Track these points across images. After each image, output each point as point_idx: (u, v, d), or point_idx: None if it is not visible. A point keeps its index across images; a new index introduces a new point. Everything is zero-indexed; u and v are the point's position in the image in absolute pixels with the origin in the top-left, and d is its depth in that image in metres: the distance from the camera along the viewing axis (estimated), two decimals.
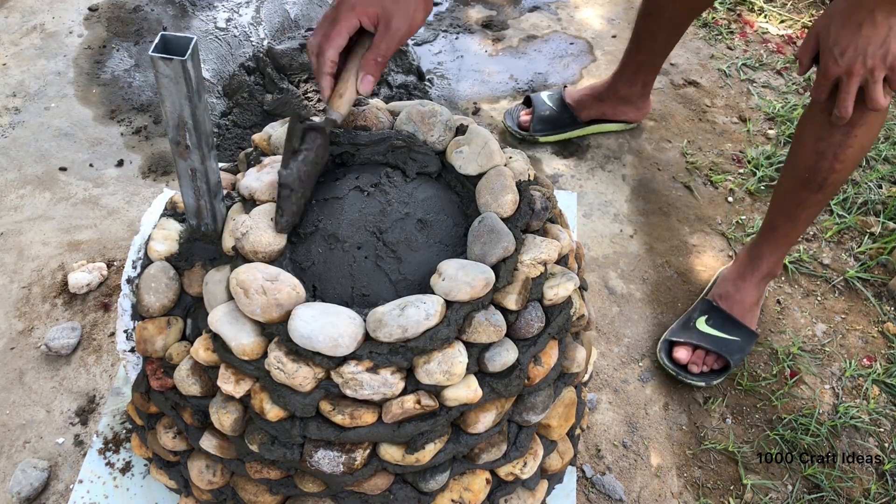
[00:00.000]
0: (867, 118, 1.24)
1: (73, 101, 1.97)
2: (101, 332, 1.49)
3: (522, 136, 1.91)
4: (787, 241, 1.48)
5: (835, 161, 1.30)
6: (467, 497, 1.05)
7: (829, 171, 1.32)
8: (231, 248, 0.98)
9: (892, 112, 2.02)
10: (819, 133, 1.30)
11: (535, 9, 2.34)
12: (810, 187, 1.35)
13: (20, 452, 1.33)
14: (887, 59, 1.13)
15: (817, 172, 1.33)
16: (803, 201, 1.39)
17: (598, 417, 1.41)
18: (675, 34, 1.73)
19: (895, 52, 1.12)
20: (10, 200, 1.74)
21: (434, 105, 1.11)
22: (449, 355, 0.92)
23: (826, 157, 1.30)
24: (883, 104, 1.18)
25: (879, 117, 1.26)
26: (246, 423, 0.99)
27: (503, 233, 0.98)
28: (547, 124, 1.89)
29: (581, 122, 1.90)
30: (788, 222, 1.44)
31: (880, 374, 1.50)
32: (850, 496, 1.34)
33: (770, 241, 1.48)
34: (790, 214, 1.43)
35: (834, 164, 1.30)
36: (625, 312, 1.58)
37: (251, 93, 1.88)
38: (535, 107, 1.91)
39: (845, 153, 1.29)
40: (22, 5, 2.24)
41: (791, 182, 1.40)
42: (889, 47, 1.12)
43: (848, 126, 1.25)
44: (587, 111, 1.89)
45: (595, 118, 1.90)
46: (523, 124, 1.91)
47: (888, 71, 1.14)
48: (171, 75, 0.82)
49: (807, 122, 1.33)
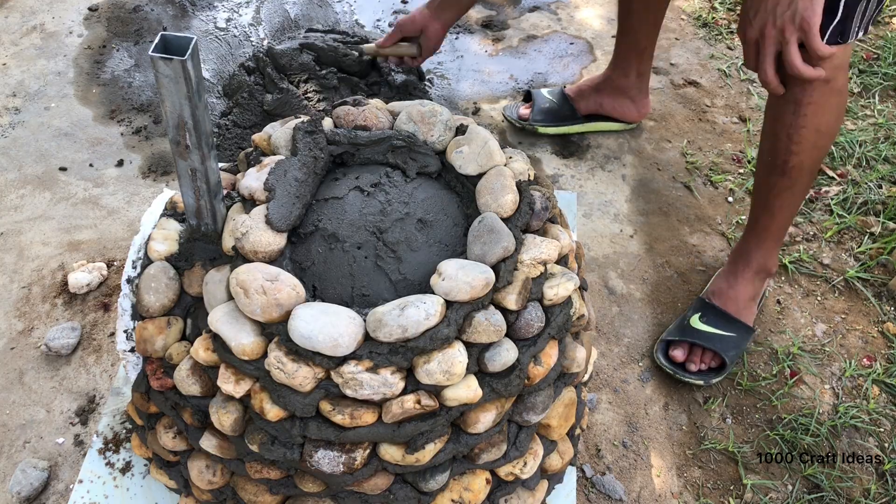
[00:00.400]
0: (814, 95, 1.25)
1: (73, 101, 1.97)
2: (101, 332, 1.49)
3: (522, 126, 1.93)
4: (770, 234, 1.48)
5: (790, 142, 1.31)
6: (467, 497, 1.05)
7: (787, 153, 1.33)
8: (231, 248, 0.98)
9: (893, 111, 2.02)
10: (773, 114, 1.33)
11: (535, 9, 2.34)
12: (775, 171, 1.37)
13: (20, 452, 1.33)
14: (795, 19, 1.13)
15: (777, 155, 1.35)
16: (772, 188, 1.40)
17: (598, 417, 1.41)
18: (652, 21, 1.76)
19: (801, 12, 1.12)
20: (10, 200, 1.74)
21: (434, 105, 1.11)
22: (449, 355, 0.92)
23: (781, 138, 1.32)
24: (801, 69, 1.18)
25: (832, 97, 1.26)
26: (246, 423, 0.99)
27: (503, 233, 0.98)
28: (547, 115, 1.92)
29: (580, 118, 1.92)
30: (765, 212, 1.45)
31: (880, 374, 1.50)
32: (850, 496, 1.34)
33: (754, 233, 1.49)
34: (765, 204, 1.44)
35: (790, 146, 1.32)
36: (625, 312, 1.58)
37: (251, 93, 1.88)
38: (536, 100, 1.93)
39: (799, 133, 1.30)
40: (22, 5, 2.24)
41: (761, 169, 1.42)
42: (796, 7, 1.12)
43: (795, 104, 1.27)
44: (585, 102, 1.91)
45: (594, 111, 1.92)
46: (523, 116, 1.94)
47: (799, 32, 1.14)
48: (171, 75, 0.82)
49: (767, 106, 1.36)
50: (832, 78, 1.24)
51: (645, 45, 1.81)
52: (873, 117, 2.01)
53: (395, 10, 2.29)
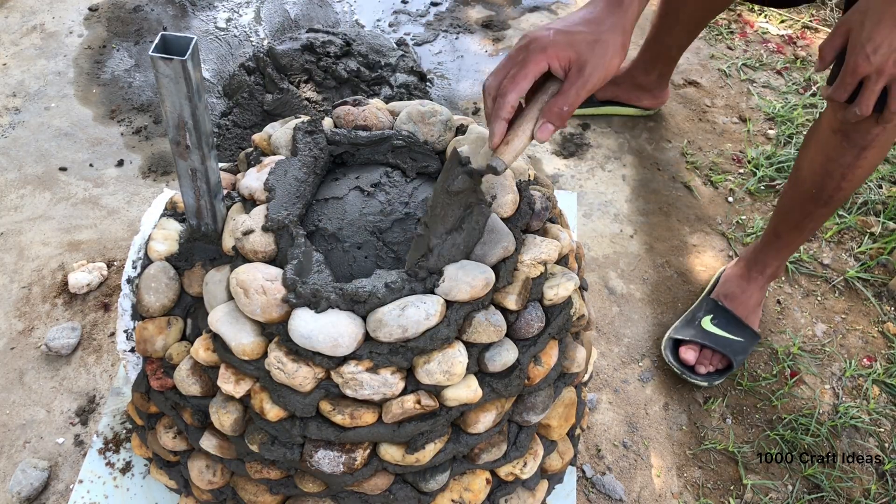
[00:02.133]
0: (880, 139, 1.22)
1: (73, 101, 1.97)
2: (101, 332, 1.49)
3: None
4: (792, 248, 1.49)
5: (842, 180, 1.29)
6: (467, 497, 1.05)
7: (835, 190, 1.31)
8: (231, 248, 0.98)
9: None
10: (829, 153, 1.28)
11: (535, 9, 2.34)
12: (816, 202, 1.35)
13: (20, 452, 1.33)
14: None
15: (824, 190, 1.32)
16: (809, 214, 1.39)
17: (598, 417, 1.41)
18: (692, 32, 1.76)
19: None
20: (10, 200, 1.74)
21: (434, 105, 1.11)
22: (449, 355, 0.92)
23: (834, 176, 1.29)
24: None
25: (891, 137, 1.23)
26: (246, 423, 0.99)
27: (503, 233, 0.98)
28: None
29: (596, 101, 1.95)
30: (794, 231, 1.44)
31: (880, 374, 1.50)
32: (850, 496, 1.34)
33: (774, 247, 1.49)
34: (796, 225, 1.43)
35: (841, 183, 1.30)
36: (625, 312, 1.58)
37: (251, 93, 1.88)
38: None
39: (854, 173, 1.28)
40: (22, 5, 2.24)
41: (796, 194, 1.39)
42: None
43: (860, 148, 1.23)
44: (602, 92, 1.93)
45: (610, 99, 1.95)
46: None
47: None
48: (171, 75, 0.82)
49: (816, 138, 1.31)
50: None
51: (678, 55, 1.83)
52: None
53: (395, 9, 2.29)
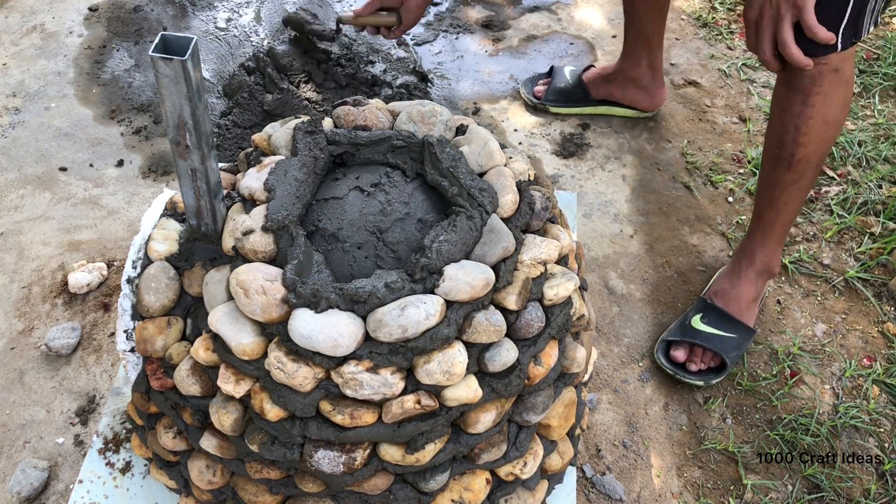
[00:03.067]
0: (823, 85, 1.26)
1: (73, 101, 1.97)
2: (101, 332, 1.49)
3: (534, 105, 1.99)
4: (774, 231, 1.48)
5: (797, 133, 1.32)
6: (467, 497, 1.05)
7: (794, 145, 1.33)
8: (231, 248, 0.98)
9: (893, 111, 2.02)
10: (781, 105, 1.34)
11: (535, 9, 2.34)
12: (781, 165, 1.37)
13: (20, 452, 1.33)
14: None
15: (783, 147, 1.35)
16: (778, 182, 1.40)
17: (598, 417, 1.41)
18: (656, 7, 1.77)
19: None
20: (10, 200, 1.74)
21: (434, 105, 1.11)
22: (449, 355, 0.92)
23: (788, 129, 1.33)
24: (792, 52, 1.18)
25: (839, 88, 1.28)
26: (246, 423, 0.99)
27: (503, 233, 0.98)
28: (560, 96, 1.97)
29: (593, 100, 1.96)
30: (770, 208, 1.45)
31: (880, 374, 1.50)
32: (850, 496, 1.34)
33: (758, 230, 1.49)
34: (770, 199, 1.44)
35: (798, 138, 1.32)
36: (625, 312, 1.58)
37: (251, 93, 1.88)
38: (554, 77, 1.99)
39: (807, 124, 1.31)
40: (22, 5, 2.24)
41: (766, 164, 1.42)
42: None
43: (803, 94, 1.28)
44: (597, 90, 1.95)
45: (605, 98, 1.96)
46: (537, 93, 1.99)
47: (794, 10, 1.15)
48: (171, 75, 0.82)
49: (774, 98, 1.37)
50: (840, 68, 1.25)
51: (652, 32, 1.82)
52: (873, 117, 2.01)
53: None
